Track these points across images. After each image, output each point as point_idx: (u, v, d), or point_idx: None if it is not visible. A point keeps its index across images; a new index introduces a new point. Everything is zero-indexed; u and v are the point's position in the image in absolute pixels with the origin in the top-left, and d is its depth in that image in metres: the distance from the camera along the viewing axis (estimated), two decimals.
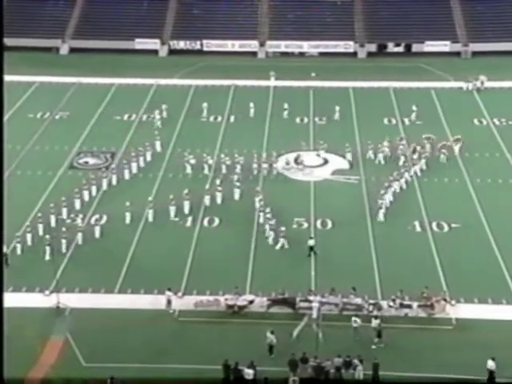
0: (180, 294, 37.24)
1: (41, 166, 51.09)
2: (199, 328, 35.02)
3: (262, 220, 43.79)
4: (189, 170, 50.18)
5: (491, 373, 31.39)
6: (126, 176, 49.20)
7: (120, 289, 37.98)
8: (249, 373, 30.92)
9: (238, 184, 46.77)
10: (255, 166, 50.28)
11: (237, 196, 46.47)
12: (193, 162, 50.46)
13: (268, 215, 43.30)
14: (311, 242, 40.47)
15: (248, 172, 49.64)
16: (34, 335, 34.12)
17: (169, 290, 36.42)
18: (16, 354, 32.01)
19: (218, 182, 47.34)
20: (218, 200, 45.94)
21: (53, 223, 43.16)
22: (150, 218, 43.88)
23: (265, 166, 50.28)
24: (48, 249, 39.90)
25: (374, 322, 33.99)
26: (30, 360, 32.45)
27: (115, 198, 46.33)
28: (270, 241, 42.00)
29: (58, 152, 53.28)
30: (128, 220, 43.61)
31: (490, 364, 31.42)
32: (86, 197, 46.19)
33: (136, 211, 44.02)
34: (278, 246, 41.51)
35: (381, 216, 44.17)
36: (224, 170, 49.80)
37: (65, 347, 33.62)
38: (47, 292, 37.37)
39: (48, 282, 37.77)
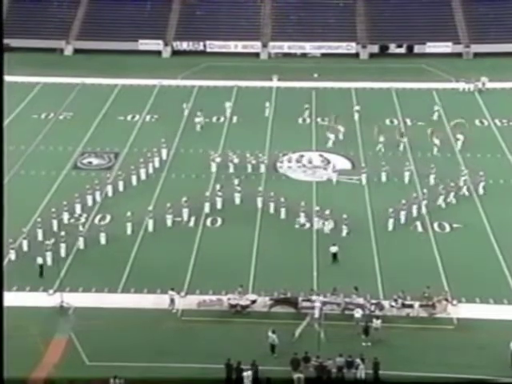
0: (183, 293, 37.27)
1: (45, 166, 51.13)
2: (202, 327, 35.02)
3: (283, 215, 44.05)
4: (214, 168, 50.25)
5: None
6: (134, 182, 48.62)
7: (123, 288, 38.01)
8: (248, 375, 30.88)
9: (238, 188, 46.55)
10: (280, 164, 50.91)
11: (237, 200, 46.13)
12: (218, 160, 50.54)
13: (316, 208, 43.85)
14: (334, 249, 40.05)
15: (272, 171, 50.37)
16: (37, 334, 34.15)
17: (172, 289, 36.43)
18: (20, 352, 32.12)
19: (218, 186, 46.91)
20: (219, 205, 45.51)
21: (55, 228, 42.85)
22: (150, 229, 43.27)
23: (290, 164, 50.91)
24: (50, 254, 39.54)
25: (376, 323, 33.98)
26: (33, 359, 32.53)
27: (121, 201, 46.34)
28: (326, 230, 42.56)
29: (62, 152, 53.34)
30: (129, 229, 43.00)
31: None
32: (90, 201, 45.79)
33: (141, 215, 43.90)
34: (343, 234, 42.04)
35: (390, 225, 43.36)
36: (249, 170, 50.03)
37: (68, 346, 33.67)
38: (51, 291, 37.42)
39: (52, 282, 37.84)
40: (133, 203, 45.50)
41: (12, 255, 39.94)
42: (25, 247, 40.87)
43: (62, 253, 40.28)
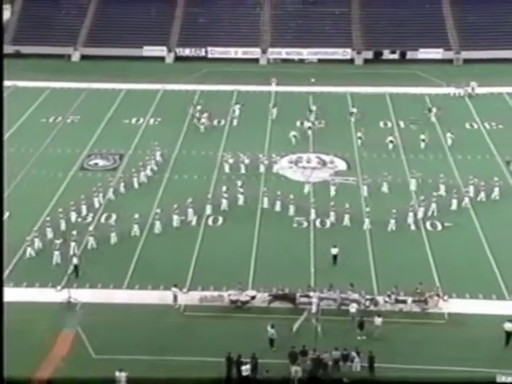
0: (185, 289, 37.19)
1: (53, 167, 51.03)
2: (204, 322, 34.99)
3: (291, 212, 44.15)
4: (227, 169, 50.19)
5: (509, 334, 32.87)
6: (137, 183, 48.39)
7: (128, 285, 37.93)
8: (246, 368, 30.84)
9: (241, 190, 46.38)
10: (289, 165, 51.09)
11: (241, 201, 45.90)
12: (231, 161, 50.50)
13: (331, 203, 44.37)
14: (334, 251, 39.68)
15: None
16: (46, 328, 34.13)
17: (175, 285, 36.37)
18: (29, 346, 32.28)
19: (224, 188, 46.62)
20: (224, 205, 45.25)
21: (63, 227, 42.88)
22: (154, 228, 42.95)
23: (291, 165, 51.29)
24: (57, 253, 39.52)
25: (377, 320, 33.85)
26: (42, 352, 32.45)
27: (126, 202, 46.28)
28: (348, 223, 43.11)
29: (70, 154, 53.24)
30: (134, 229, 42.64)
31: (508, 325, 32.83)
32: (96, 202, 45.62)
33: (145, 215, 43.81)
34: (364, 227, 42.73)
35: (393, 226, 43.01)
36: (262, 170, 50.20)
37: (76, 340, 33.59)
38: (59, 287, 37.35)
39: (60, 278, 37.83)
40: (137, 204, 45.44)
41: (31, 251, 40.16)
42: (35, 245, 40.73)
43: (71, 251, 40.07)
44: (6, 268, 38.44)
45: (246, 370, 30.82)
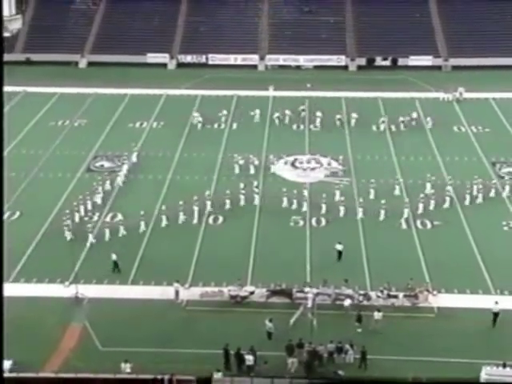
0: (187, 285, 37.22)
1: (61, 169, 51.00)
2: (205, 316, 35.02)
3: (305, 208, 44.33)
4: (237, 170, 50.17)
5: (496, 314, 33.75)
6: (143, 182, 48.60)
7: (133, 281, 37.95)
8: (249, 358, 30.93)
9: (256, 190, 46.29)
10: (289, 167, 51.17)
11: (256, 201, 45.67)
12: (241, 162, 50.50)
13: (342, 198, 45.09)
14: (339, 247, 39.56)
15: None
16: (55, 322, 34.15)
17: (177, 281, 36.39)
18: (39, 338, 32.30)
19: (241, 185, 46.59)
20: (242, 202, 45.32)
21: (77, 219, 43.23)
22: (157, 226, 43.02)
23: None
24: (91, 236, 40.65)
25: (377, 315, 33.87)
26: (51, 344, 32.50)
27: (130, 200, 46.34)
28: (360, 216, 43.64)
29: (77, 156, 53.17)
30: (139, 227, 42.69)
31: (496, 307, 33.61)
32: (100, 200, 45.84)
33: (148, 214, 43.86)
34: (381, 218, 43.34)
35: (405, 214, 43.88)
36: (272, 170, 50.30)
37: (83, 333, 33.63)
38: (67, 283, 37.36)
39: (67, 274, 37.78)
40: (141, 202, 45.44)
41: (69, 235, 40.94)
42: (41, 242, 40.95)
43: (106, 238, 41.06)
44: (18, 264, 38.56)
45: (248, 360, 30.91)
